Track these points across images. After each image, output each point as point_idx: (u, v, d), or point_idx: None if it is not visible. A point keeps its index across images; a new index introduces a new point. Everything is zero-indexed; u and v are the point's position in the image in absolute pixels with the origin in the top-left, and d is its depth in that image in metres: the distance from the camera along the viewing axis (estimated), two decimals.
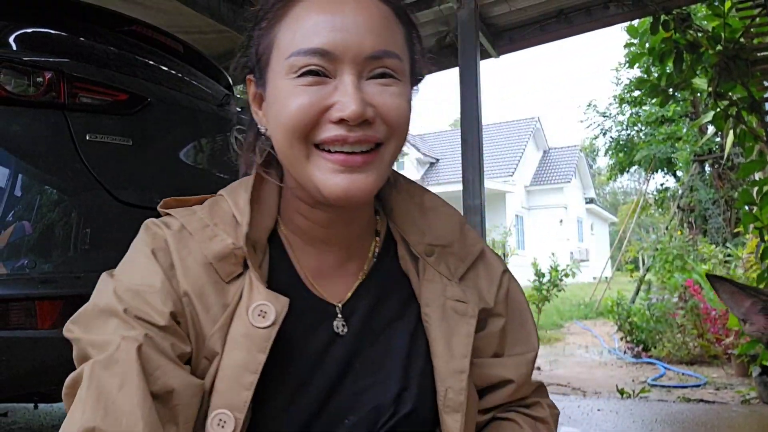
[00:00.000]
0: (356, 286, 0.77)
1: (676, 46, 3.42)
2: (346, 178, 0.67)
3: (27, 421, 2.84)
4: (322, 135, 0.67)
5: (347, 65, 0.67)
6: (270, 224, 0.76)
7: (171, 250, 0.69)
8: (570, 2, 3.83)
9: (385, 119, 0.68)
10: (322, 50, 0.66)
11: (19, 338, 1.41)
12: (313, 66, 0.66)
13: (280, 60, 0.68)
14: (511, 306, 0.84)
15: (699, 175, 10.19)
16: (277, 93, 0.69)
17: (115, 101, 1.66)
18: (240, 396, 0.65)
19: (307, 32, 0.67)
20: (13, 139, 1.49)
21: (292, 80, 0.67)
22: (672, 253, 6.97)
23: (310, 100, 0.66)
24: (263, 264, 0.73)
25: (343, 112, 0.65)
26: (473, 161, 3.52)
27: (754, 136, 3.31)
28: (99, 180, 1.57)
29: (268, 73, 0.71)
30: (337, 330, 0.74)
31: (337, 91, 0.66)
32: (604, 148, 15.83)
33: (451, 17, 3.85)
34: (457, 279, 0.78)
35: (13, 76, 1.50)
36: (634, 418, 2.75)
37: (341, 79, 0.67)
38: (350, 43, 0.66)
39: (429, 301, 0.76)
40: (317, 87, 0.67)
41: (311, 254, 0.77)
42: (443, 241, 0.79)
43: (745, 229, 5.78)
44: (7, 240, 1.43)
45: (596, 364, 5.76)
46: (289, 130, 0.67)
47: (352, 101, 0.65)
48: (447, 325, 0.74)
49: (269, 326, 0.67)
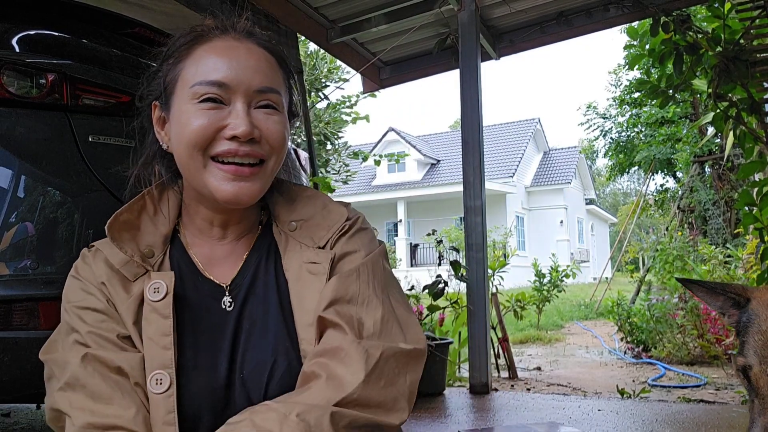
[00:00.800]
0: (239, 268, 0.93)
1: (676, 47, 3.43)
2: (235, 185, 0.85)
3: (29, 422, 2.85)
4: (217, 149, 0.85)
5: (239, 95, 0.85)
6: (165, 230, 0.93)
7: (90, 263, 0.90)
8: (570, 4, 3.84)
9: (268, 140, 0.87)
10: (220, 82, 0.84)
11: (21, 339, 1.41)
12: (211, 94, 0.84)
13: (185, 88, 0.86)
14: None
15: (699, 176, 10.20)
16: (180, 114, 0.86)
17: (118, 103, 1.67)
18: (165, 355, 0.82)
19: (208, 68, 0.85)
20: (16, 140, 1.49)
21: (194, 105, 0.85)
22: (672, 253, 6.97)
23: (209, 121, 0.84)
24: (164, 260, 0.91)
25: (236, 130, 0.84)
26: (474, 162, 3.52)
27: (754, 137, 3.31)
28: (101, 181, 1.57)
29: (173, 99, 0.88)
30: (224, 306, 0.89)
31: (231, 115, 0.85)
32: (604, 149, 15.82)
33: (452, 19, 3.85)
34: (318, 246, 0.92)
35: (16, 78, 1.51)
36: (635, 418, 2.76)
37: (234, 106, 0.85)
38: (242, 78, 0.85)
39: (288, 267, 0.91)
40: (215, 111, 0.84)
41: (206, 247, 0.94)
42: (304, 216, 0.95)
43: (745, 229, 5.79)
44: (9, 241, 1.44)
45: (596, 365, 5.76)
46: (190, 144, 0.84)
47: (243, 123, 0.84)
48: (301, 285, 0.89)
49: (164, 296, 0.84)
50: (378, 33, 4.08)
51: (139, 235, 0.91)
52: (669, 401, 3.47)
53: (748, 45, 3.33)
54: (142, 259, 0.88)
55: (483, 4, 3.75)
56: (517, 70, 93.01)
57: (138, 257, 0.88)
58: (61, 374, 0.82)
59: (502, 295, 5.35)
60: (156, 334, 0.83)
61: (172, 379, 0.81)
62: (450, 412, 2.94)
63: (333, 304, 0.85)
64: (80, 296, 0.87)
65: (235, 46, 0.88)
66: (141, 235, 0.91)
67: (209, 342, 0.87)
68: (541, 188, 24.16)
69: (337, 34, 4.00)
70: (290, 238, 0.93)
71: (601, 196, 38.14)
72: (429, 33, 4.12)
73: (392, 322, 0.87)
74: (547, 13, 3.93)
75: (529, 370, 5.37)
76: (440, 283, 3.61)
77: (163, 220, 0.94)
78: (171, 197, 0.96)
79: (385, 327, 0.85)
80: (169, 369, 0.81)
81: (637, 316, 5.97)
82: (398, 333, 0.86)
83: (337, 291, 0.86)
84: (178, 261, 0.92)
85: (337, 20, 3.95)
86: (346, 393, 0.77)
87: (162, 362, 0.82)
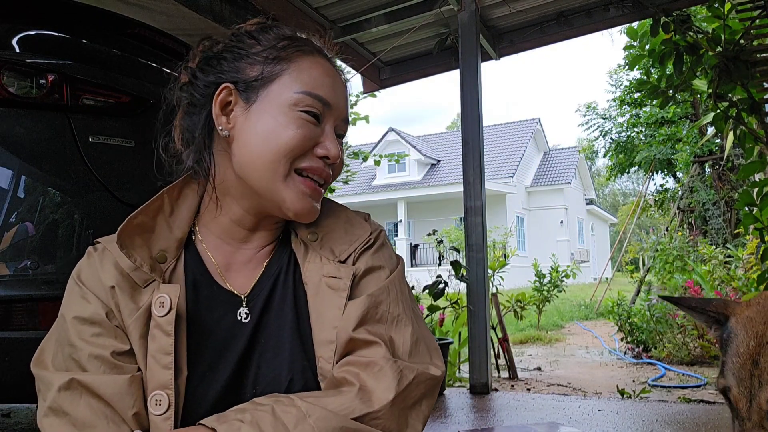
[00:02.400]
0: (258, 278, 0.89)
1: (676, 47, 3.43)
2: (311, 202, 0.86)
3: (29, 422, 2.84)
4: (306, 163, 0.85)
5: (332, 118, 0.87)
6: (181, 233, 0.89)
7: (95, 265, 0.84)
8: (570, 4, 3.84)
9: (337, 167, 0.90)
10: (326, 101, 0.86)
11: (21, 339, 1.41)
12: (316, 109, 0.85)
13: (286, 90, 0.84)
14: None
15: (699, 176, 10.20)
16: (275, 116, 0.84)
17: (118, 103, 1.67)
18: (165, 375, 0.78)
19: (315, 81, 0.85)
20: (17, 140, 1.49)
21: (295, 111, 0.83)
22: (672, 254, 6.98)
23: (310, 133, 0.84)
24: (177, 266, 0.87)
25: (329, 152, 0.86)
26: (474, 163, 3.53)
27: (754, 138, 3.31)
28: (102, 181, 1.57)
29: (262, 93, 0.85)
30: (240, 317, 0.86)
31: (324, 135, 0.86)
32: (603, 149, 15.82)
33: (452, 19, 3.86)
34: (339, 260, 0.89)
35: (16, 78, 1.50)
36: (635, 418, 2.76)
37: (327, 127, 0.87)
38: (339, 104, 0.88)
39: (308, 280, 0.88)
40: (313, 126, 0.85)
41: (225, 251, 0.90)
42: (325, 228, 0.92)
43: (746, 230, 5.79)
44: (9, 241, 1.44)
45: (597, 365, 5.76)
46: (283, 150, 0.83)
47: (335, 147, 0.86)
48: (321, 300, 0.86)
49: (167, 312, 0.80)
50: (378, 33, 4.08)
51: (152, 238, 0.86)
52: (669, 401, 3.47)
53: (748, 45, 3.33)
54: (151, 268, 0.83)
55: (483, 4, 3.75)
56: (517, 70, 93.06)
57: (147, 266, 0.83)
58: (47, 394, 0.78)
59: (502, 295, 5.35)
60: (158, 352, 0.79)
61: (171, 402, 0.77)
62: (450, 413, 2.94)
63: (363, 323, 0.82)
64: (78, 306, 0.82)
65: (333, 72, 0.89)
66: (155, 238, 0.86)
67: (220, 355, 0.83)
68: (541, 188, 24.15)
69: (337, 34, 4.00)
70: (310, 249, 0.90)
71: (601, 197, 38.14)
72: (429, 33, 4.12)
73: (421, 343, 0.85)
74: (547, 13, 3.93)
75: (529, 370, 5.37)
76: (440, 283, 3.61)
77: (179, 223, 0.89)
78: (189, 196, 0.92)
79: (415, 348, 0.84)
80: (168, 390, 0.78)
81: (638, 317, 5.96)
82: (426, 355, 0.85)
83: (368, 310, 0.83)
84: (192, 267, 0.88)
85: (337, 20, 3.95)
86: (372, 409, 0.75)
87: (162, 382, 0.78)
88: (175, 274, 0.86)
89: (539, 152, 25.50)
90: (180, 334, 0.81)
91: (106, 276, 0.82)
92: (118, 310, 0.81)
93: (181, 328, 0.81)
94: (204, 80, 0.87)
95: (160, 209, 0.88)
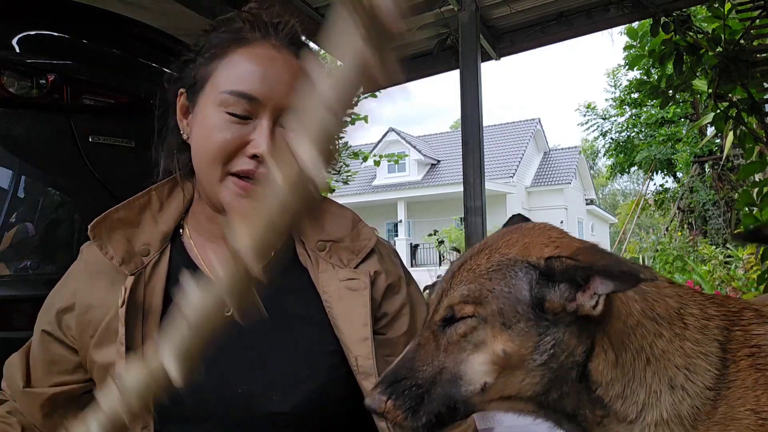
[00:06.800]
0: None
1: (676, 47, 3.43)
2: (245, 202, 0.81)
3: None
4: (236, 167, 0.83)
5: (267, 111, 0.83)
6: (166, 228, 0.91)
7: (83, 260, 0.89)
8: (570, 4, 3.84)
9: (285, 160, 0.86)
10: (250, 96, 0.82)
11: (22, 339, 1.41)
12: (239, 108, 0.82)
13: (214, 91, 0.84)
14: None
15: (699, 176, 10.21)
16: (205, 117, 0.84)
17: (118, 103, 1.67)
18: (120, 364, 0.80)
19: (242, 77, 0.83)
20: (17, 140, 1.49)
21: (220, 113, 0.83)
22: (672, 253, 6.99)
23: (232, 136, 0.82)
24: (161, 259, 0.88)
25: (257, 149, 0.82)
26: (474, 163, 3.53)
27: (754, 138, 3.31)
28: (101, 181, 1.57)
29: (200, 96, 0.86)
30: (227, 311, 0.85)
31: (255, 131, 0.83)
32: (603, 149, 15.82)
33: (452, 19, 3.85)
34: (350, 268, 0.90)
35: (16, 78, 1.50)
36: None
37: (260, 122, 0.83)
38: (274, 93, 0.82)
39: (326, 288, 0.88)
40: (239, 125, 0.83)
41: (214, 249, 0.90)
42: (334, 237, 0.92)
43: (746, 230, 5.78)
44: (10, 241, 1.44)
45: None
46: (210, 156, 0.83)
47: (265, 141, 0.82)
48: (345, 303, 0.87)
49: (122, 303, 0.82)
50: None
51: (136, 232, 0.88)
52: None
53: (748, 45, 3.34)
54: (123, 261, 0.85)
55: (483, 4, 3.75)
56: (517, 70, 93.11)
57: (118, 259, 0.84)
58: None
59: None
60: (118, 342, 0.83)
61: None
62: None
63: None
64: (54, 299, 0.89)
65: (273, 56, 0.85)
66: (138, 233, 0.88)
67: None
68: (542, 188, 24.16)
69: None
70: (320, 259, 0.91)
71: (601, 197, 38.15)
72: (429, 33, 4.12)
73: None
74: (547, 13, 3.93)
75: None
76: None
77: (165, 218, 0.92)
78: (180, 194, 0.95)
79: None
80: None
81: None
82: None
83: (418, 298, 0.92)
84: (178, 261, 0.90)
85: None
86: None
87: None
88: (159, 267, 0.88)
89: (539, 152, 25.51)
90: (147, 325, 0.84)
91: (89, 268, 0.88)
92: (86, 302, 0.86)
93: (148, 319, 0.84)
94: (173, 87, 0.91)
95: (147, 205, 0.91)
